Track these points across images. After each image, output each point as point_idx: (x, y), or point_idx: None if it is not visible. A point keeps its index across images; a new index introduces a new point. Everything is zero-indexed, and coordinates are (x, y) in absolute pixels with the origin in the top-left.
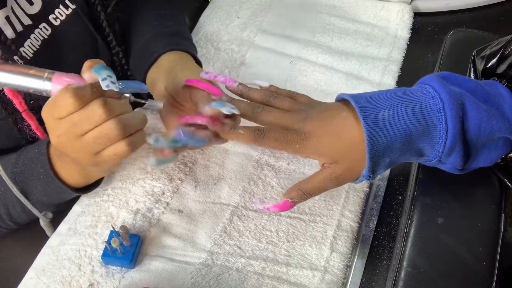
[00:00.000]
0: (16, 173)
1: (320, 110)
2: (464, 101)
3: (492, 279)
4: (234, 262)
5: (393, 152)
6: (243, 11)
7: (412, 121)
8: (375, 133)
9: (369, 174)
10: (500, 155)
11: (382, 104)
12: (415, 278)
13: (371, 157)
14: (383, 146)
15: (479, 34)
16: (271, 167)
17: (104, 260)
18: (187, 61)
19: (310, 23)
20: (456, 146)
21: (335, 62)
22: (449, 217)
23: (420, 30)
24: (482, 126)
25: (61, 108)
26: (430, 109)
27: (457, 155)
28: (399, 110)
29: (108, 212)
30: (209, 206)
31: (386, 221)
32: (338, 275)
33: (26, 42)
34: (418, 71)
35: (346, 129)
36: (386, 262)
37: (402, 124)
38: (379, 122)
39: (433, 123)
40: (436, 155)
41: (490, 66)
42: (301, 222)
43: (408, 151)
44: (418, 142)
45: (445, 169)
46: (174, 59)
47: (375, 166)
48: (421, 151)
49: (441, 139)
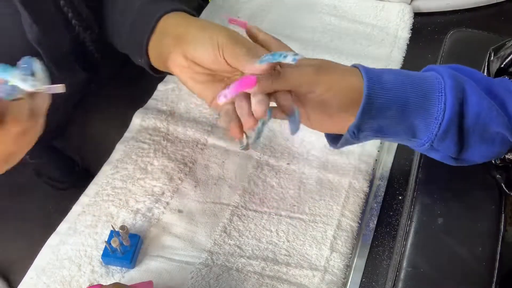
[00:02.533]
0: None
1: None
2: (465, 86)
3: (492, 279)
4: (234, 262)
5: (385, 118)
6: (243, 11)
7: (412, 92)
8: (374, 91)
9: (354, 130)
10: (497, 152)
11: (387, 71)
12: (415, 278)
13: (363, 111)
14: (378, 105)
15: (479, 34)
16: (271, 167)
17: (104, 260)
18: (196, 19)
19: (310, 23)
20: (451, 130)
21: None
22: (449, 217)
23: (420, 30)
24: (482, 114)
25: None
26: (432, 87)
27: (451, 142)
28: (403, 79)
29: (108, 212)
30: (209, 206)
31: (386, 221)
32: (338, 275)
33: None
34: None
35: (351, 78)
36: (386, 262)
37: (402, 92)
38: (380, 82)
39: (431, 101)
40: (429, 138)
41: (504, 65)
42: (301, 222)
43: (400, 123)
44: (413, 117)
45: (437, 157)
46: (178, 22)
47: (363, 124)
48: (414, 129)
49: (437, 119)
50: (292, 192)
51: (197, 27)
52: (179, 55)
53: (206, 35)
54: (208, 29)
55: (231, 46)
